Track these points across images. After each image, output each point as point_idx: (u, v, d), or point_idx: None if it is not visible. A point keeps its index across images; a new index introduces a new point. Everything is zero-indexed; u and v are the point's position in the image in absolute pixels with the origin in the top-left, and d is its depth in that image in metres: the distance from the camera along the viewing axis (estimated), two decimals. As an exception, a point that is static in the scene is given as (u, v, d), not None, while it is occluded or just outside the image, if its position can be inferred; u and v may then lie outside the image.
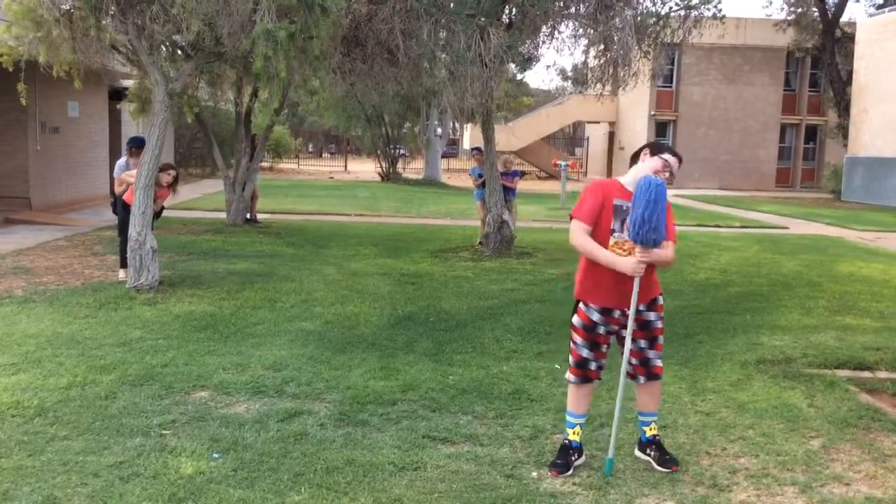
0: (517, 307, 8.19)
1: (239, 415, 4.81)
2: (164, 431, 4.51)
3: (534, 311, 8.03)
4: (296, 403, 5.03)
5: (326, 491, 3.82)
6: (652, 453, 4.23)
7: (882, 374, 6.07)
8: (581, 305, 4.15)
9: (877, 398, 5.49)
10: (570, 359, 4.21)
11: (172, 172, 9.05)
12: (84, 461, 4.07)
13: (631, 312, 4.02)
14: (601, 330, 4.12)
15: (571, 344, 4.20)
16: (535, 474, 4.10)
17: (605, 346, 4.19)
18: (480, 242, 12.36)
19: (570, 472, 4.10)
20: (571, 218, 4.06)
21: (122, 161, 9.39)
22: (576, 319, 4.17)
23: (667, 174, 4.09)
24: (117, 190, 9.18)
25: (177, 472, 3.96)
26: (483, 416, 4.92)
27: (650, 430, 4.28)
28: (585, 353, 4.15)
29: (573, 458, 4.17)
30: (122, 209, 9.03)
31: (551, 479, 4.05)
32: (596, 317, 4.10)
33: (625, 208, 3.99)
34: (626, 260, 3.92)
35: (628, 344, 4.08)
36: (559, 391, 5.36)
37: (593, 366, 4.17)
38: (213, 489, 3.79)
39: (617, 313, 4.10)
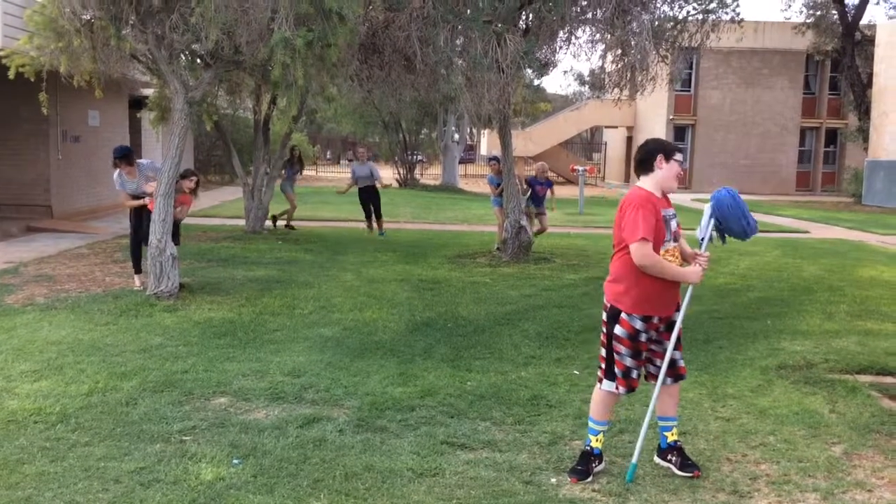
0: (535, 313, 8.17)
1: (258, 421, 4.83)
2: (184, 437, 4.54)
3: (552, 316, 8.01)
4: (314, 409, 5.05)
5: (345, 497, 3.83)
6: (673, 459, 4.20)
7: (905, 380, 6.00)
8: (624, 315, 4.08)
9: (900, 404, 5.43)
10: (616, 370, 4.12)
11: (194, 178, 9.10)
12: (105, 467, 4.10)
13: (679, 321, 4.13)
14: (643, 337, 4.11)
15: (616, 356, 4.12)
16: (554, 480, 4.09)
17: (645, 353, 4.17)
18: (498, 248, 12.35)
19: (589, 479, 4.08)
20: (642, 239, 3.92)
21: (115, 175, 9.00)
22: (619, 330, 4.08)
23: (681, 173, 4.18)
24: (126, 204, 9.17)
25: (197, 477, 3.98)
26: (501, 422, 4.91)
27: (671, 435, 4.26)
28: (629, 362, 4.11)
29: (594, 465, 4.15)
30: (133, 216, 9.13)
31: (571, 485, 4.03)
32: (639, 325, 4.08)
33: (668, 217, 4.07)
34: (692, 270, 4.10)
35: (670, 350, 4.13)
36: (578, 397, 5.34)
37: (635, 374, 4.15)
38: (233, 495, 3.81)
39: (656, 319, 4.11)
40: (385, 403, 5.17)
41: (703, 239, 4.25)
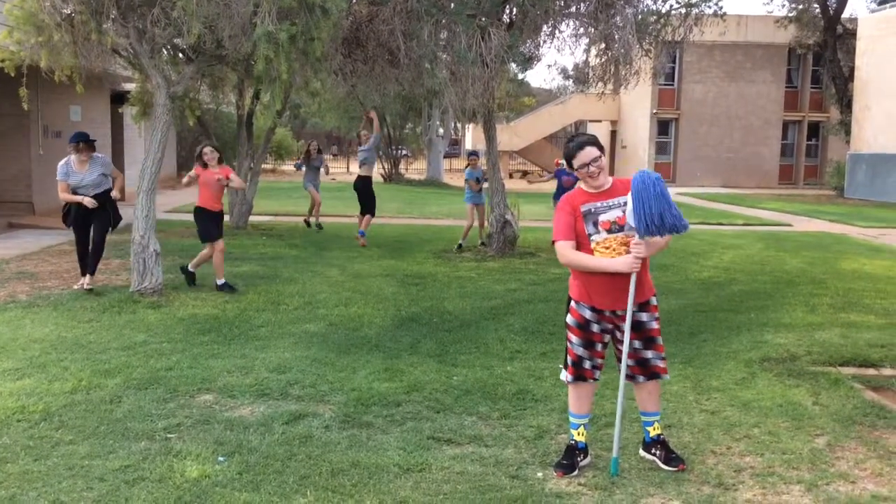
0: (521, 307, 8.19)
1: (244, 418, 4.82)
2: (169, 435, 4.51)
3: (537, 310, 8.02)
4: (300, 406, 5.03)
5: (332, 493, 3.82)
6: (657, 452, 4.23)
7: (887, 372, 6.06)
8: (573, 303, 4.20)
9: (882, 395, 5.48)
10: (567, 358, 4.23)
11: (209, 147, 8.92)
12: (89, 465, 4.07)
13: (628, 310, 4.03)
14: (595, 328, 4.14)
15: (567, 343, 4.24)
16: (540, 475, 4.10)
17: (600, 344, 4.18)
18: (460, 246, 12.39)
19: (575, 473, 4.09)
20: (554, 243, 4.13)
21: (63, 162, 8.46)
22: (569, 318, 4.22)
23: (590, 166, 4.06)
24: (63, 197, 8.42)
25: (182, 475, 3.96)
26: (487, 417, 4.92)
27: (653, 429, 4.28)
28: (580, 351, 4.16)
29: (578, 459, 4.17)
30: (75, 220, 8.49)
31: (557, 479, 4.04)
32: (588, 314, 4.12)
33: (593, 211, 4.05)
34: (620, 260, 3.97)
35: (626, 343, 4.09)
36: (563, 391, 5.35)
37: (588, 364, 4.16)
38: (219, 492, 3.79)
39: (608, 312, 4.12)
40: (371, 399, 5.17)
41: (631, 227, 3.97)
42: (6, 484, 3.86)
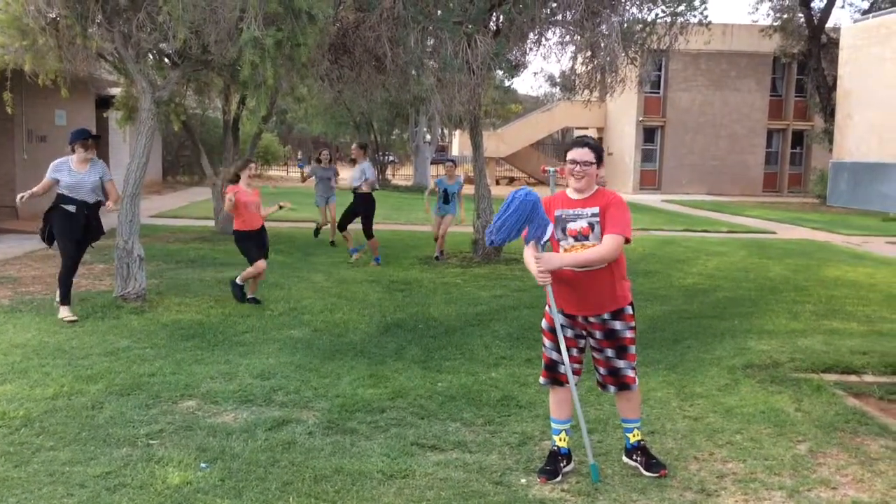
0: (506, 313, 8.19)
1: (226, 424, 4.79)
2: (151, 441, 4.49)
3: (523, 317, 8.03)
4: (284, 412, 5.01)
5: (315, 500, 3.80)
6: (638, 459, 4.24)
7: (869, 378, 6.10)
8: (547, 308, 4.23)
9: (863, 402, 5.51)
10: (543, 361, 4.29)
11: (252, 166, 8.60)
12: (70, 472, 4.04)
13: (555, 318, 4.10)
14: (568, 333, 4.16)
15: (543, 347, 4.29)
16: (524, 481, 4.10)
17: (575, 349, 4.20)
18: (437, 258, 11.83)
19: (558, 479, 4.10)
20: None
21: (59, 161, 7.67)
22: (543, 322, 4.28)
23: (575, 168, 4.13)
24: (38, 192, 7.44)
25: (164, 482, 3.94)
26: (472, 423, 4.92)
27: (633, 436, 4.29)
28: (554, 355, 4.19)
29: (562, 465, 4.18)
30: (63, 231, 7.50)
31: (540, 485, 4.05)
32: (561, 319, 4.15)
33: (564, 216, 4.10)
34: (533, 271, 4.06)
35: (565, 352, 4.10)
36: (548, 397, 5.35)
37: (562, 369, 4.18)
38: (201, 499, 3.77)
39: (580, 318, 4.15)
40: (355, 405, 5.15)
41: (529, 241, 4.07)
42: (-15, 490, 3.82)
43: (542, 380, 4.30)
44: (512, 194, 3.96)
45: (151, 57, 10.02)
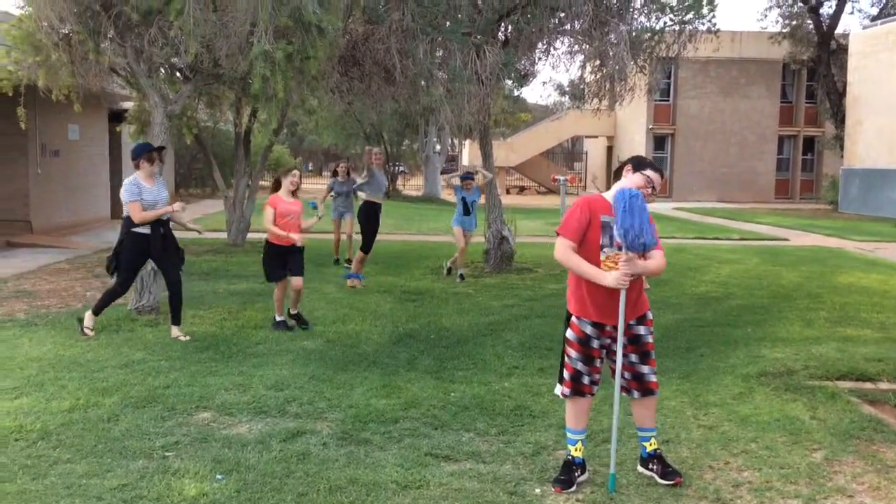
0: (518, 323, 8.20)
1: (241, 435, 4.81)
2: (166, 453, 4.51)
3: (535, 326, 8.03)
4: (298, 423, 5.03)
5: (330, 511, 3.82)
6: (654, 467, 4.23)
7: (884, 385, 6.07)
8: (574, 319, 4.19)
9: (879, 409, 5.49)
10: (565, 373, 4.22)
11: (297, 172, 7.79)
12: (87, 484, 4.07)
13: (620, 325, 4.07)
14: (595, 343, 4.15)
15: (566, 358, 4.22)
16: (538, 491, 4.10)
17: (599, 360, 4.21)
18: (450, 270, 11.30)
19: (573, 489, 4.10)
20: (558, 234, 4.13)
21: (130, 181, 7.19)
22: (570, 333, 4.20)
23: (648, 189, 4.16)
24: (142, 217, 7.03)
25: (180, 494, 3.96)
26: (485, 433, 4.92)
27: (650, 445, 4.28)
28: (580, 366, 4.17)
29: (576, 475, 4.17)
30: (132, 249, 7.15)
31: (555, 495, 4.04)
32: (589, 329, 4.13)
33: (611, 224, 4.07)
34: (611, 274, 3.98)
35: (619, 358, 4.11)
36: (561, 407, 5.35)
37: (586, 380, 4.18)
38: (217, 511, 3.79)
39: (609, 327, 4.14)
40: (369, 416, 5.17)
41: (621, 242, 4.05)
42: (4, 503, 3.85)
43: (565, 390, 4.22)
44: (622, 195, 3.95)
45: (163, 71, 10.11)
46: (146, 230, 7.09)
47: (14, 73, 9.49)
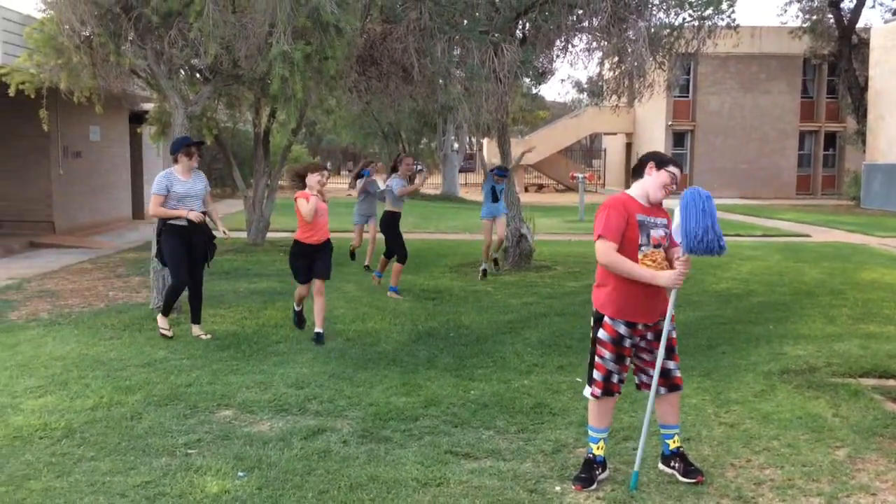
0: (537, 321, 8.19)
1: (263, 433, 4.85)
2: (189, 451, 4.55)
3: (554, 324, 8.02)
4: (318, 421, 5.06)
5: (351, 508, 3.84)
6: (676, 465, 4.22)
7: (908, 382, 6.01)
8: (607, 319, 4.13)
9: (903, 406, 5.43)
10: (596, 374, 4.16)
11: (325, 173, 7.46)
12: (111, 482, 4.11)
13: (665, 325, 4.10)
14: (627, 343, 4.14)
15: (597, 359, 4.16)
16: (558, 489, 4.10)
17: (628, 358, 4.20)
18: (488, 267, 11.06)
19: (593, 487, 4.09)
20: (599, 237, 4.05)
21: (163, 174, 7.17)
22: (603, 334, 4.14)
23: (673, 186, 4.17)
24: (160, 213, 7.05)
25: (203, 491, 3.99)
26: (505, 431, 4.92)
27: (674, 442, 4.27)
28: (611, 366, 4.14)
29: (597, 473, 4.17)
30: (173, 248, 7.03)
31: (575, 493, 4.04)
32: (623, 329, 4.11)
33: (647, 223, 4.07)
34: (666, 274, 4.00)
35: (660, 359, 4.11)
36: (581, 405, 5.35)
37: (616, 379, 4.17)
38: (239, 508, 3.82)
39: (640, 325, 4.13)
40: (389, 414, 5.18)
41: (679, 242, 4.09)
42: (29, 501, 3.90)
43: (596, 391, 4.15)
44: (699, 195, 3.94)
45: (183, 72, 10.17)
46: (182, 222, 7.03)
47: (36, 76, 9.59)
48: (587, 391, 4.23)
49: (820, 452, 4.56)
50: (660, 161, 4.19)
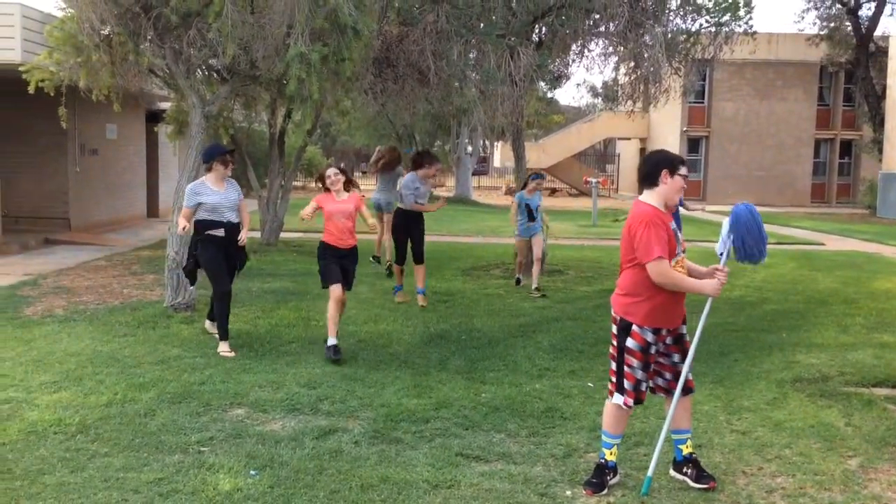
0: (549, 325, 8.19)
1: (275, 432, 4.87)
2: (202, 448, 4.58)
3: (566, 328, 8.02)
4: (330, 421, 5.08)
5: (362, 508, 3.85)
6: (688, 471, 4.21)
7: (922, 393, 5.97)
8: (636, 328, 4.10)
9: (916, 417, 5.40)
10: (627, 384, 4.12)
11: (335, 172, 7.11)
12: (124, 478, 4.15)
13: (697, 333, 4.15)
14: (653, 350, 4.15)
15: (627, 369, 4.12)
16: (569, 493, 4.10)
17: (653, 364, 4.20)
18: (518, 280, 10.61)
19: (604, 492, 4.09)
20: (658, 258, 3.98)
21: (195, 184, 7.04)
22: (632, 343, 4.10)
23: (685, 188, 4.22)
24: (182, 223, 6.82)
25: (215, 488, 4.02)
26: (516, 434, 4.93)
27: (686, 447, 4.26)
28: (640, 374, 4.13)
29: (608, 478, 4.17)
30: (208, 256, 6.82)
31: (586, 497, 4.04)
32: (650, 337, 4.11)
33: (675, 231, 4.12)
34: (710, 283, 4.11)
35: (689, 361, 4.16)
36: (592, 409, 5.35)
37: (643, 386, 4.17)
38: (251, 506, 3.84)
39: (664, 331, 4.15)
40: (400, 415, 5.20)
41: (721, 254, 4.23)
42: (43, 495, 3.94)
43: (629, 400, 4.11)
44: (751, 212, 4.14)
45: (201, 72, 10.23)
46: (219, 233, 6.84)
47: (56, 74, 9.68)
48: (619, 399, 4.14)
49: (832, 461, 4.54)
50: (671, 166, 4.16)
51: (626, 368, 4.13)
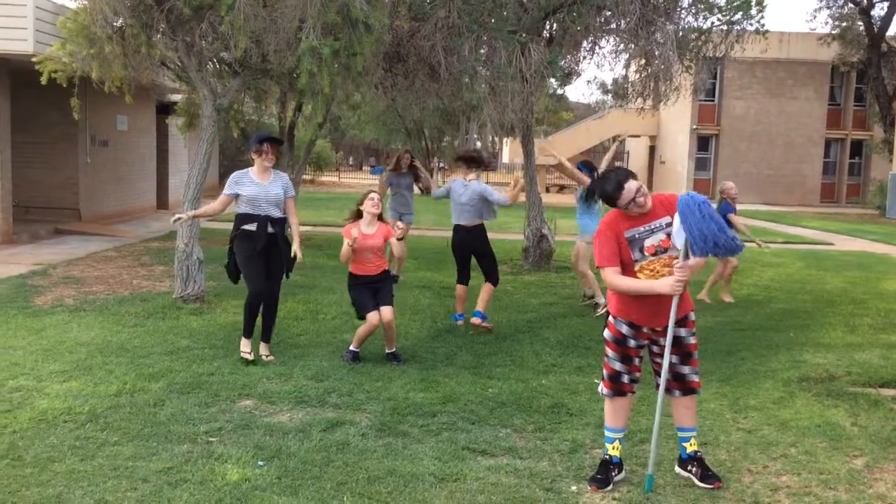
0: (556, 321, 8.20)
1: (282, 423, 4.91)
2: (210, 438, 4.62)
3: (573, 325, 8.04)
4: (338, 413, 5.11)
5: (368, 500, 3.88)
6: (693, 469, 4.23)
7: (929, 394, 5.97)
8: (611, 318, 4.23)
9: (923, 418, 5.40)
10: (604, 372, 4.27)
11: (375, 196, 6.57)
12: (134, 466, 4.19)
13: (669, 329, 4.06)
14: (631, 343, 4.17)
15: (605, 357, 4.27)
16: (574, 488, 4.12)
17: (637, 359, 4.23)
18: (586, 302, 9.24)
19: (609, 488, 4.11)
20: (601, 268, 4.11)
21: (238, 174, 6.54)
22: (607, 333, 4.25)
23: (643, 189, 4.07)
24: (207, 213, 6.60)
25: (223, 478, 4.06)
26: (522, 430, 4.95)
27: (690, 445, 4.28)
28: (618, 366, 4.20)
29: (613, 474, 4.18)
30: (247, 255, 6.28)
31: (591, 493, 4.07)
32: (625, 329, 4.16)
33: (638, 236, 4.07)
34: (662, 282, 3.97)
35: (667, 359, 4.11)
36: (598, 405, 5.36)
37: (626, 378, 4.20)
38: (258, 496, 3.88)
39: (646, 329, 4.15)
40: (407, 409, 5.23)
41: (678, 248, 4.00)
42: (53, 482, 3.98)
43: (605, 390, 4.26)
44: (696, 203, 3.84)
45: (212, 65, 10.26)
46: (252, 227, 6.30)
47: (68, 65, 9.73)
48: (599, 387, 4.34)
49: (837, 461, 4.55)
50: (616, 186, 4.05)
51: (605, 358, 4.28)
